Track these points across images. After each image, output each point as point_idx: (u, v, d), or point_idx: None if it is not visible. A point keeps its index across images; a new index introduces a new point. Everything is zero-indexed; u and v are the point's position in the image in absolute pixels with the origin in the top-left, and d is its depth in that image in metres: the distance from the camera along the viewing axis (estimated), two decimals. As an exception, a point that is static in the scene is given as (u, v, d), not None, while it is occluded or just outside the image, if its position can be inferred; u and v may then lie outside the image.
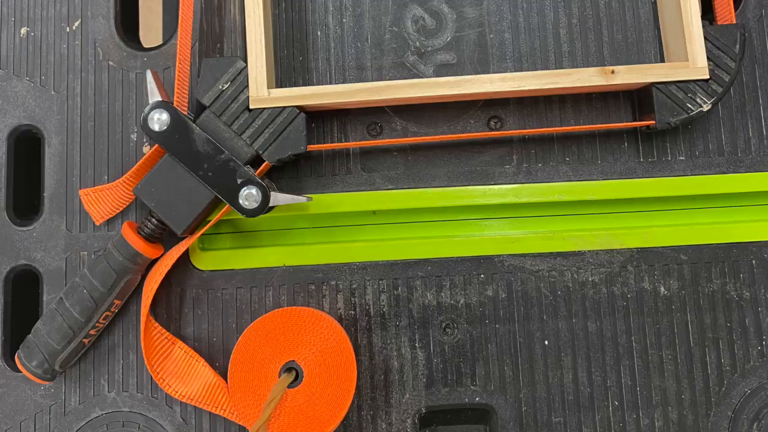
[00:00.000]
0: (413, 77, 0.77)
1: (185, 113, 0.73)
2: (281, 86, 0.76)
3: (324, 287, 0.75)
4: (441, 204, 0.75)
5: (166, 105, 0.72)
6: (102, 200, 0.75)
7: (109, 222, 0.76)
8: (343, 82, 0.77)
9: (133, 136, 0.76)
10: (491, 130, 0.76)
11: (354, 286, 0.75)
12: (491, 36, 0.77)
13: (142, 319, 0.72)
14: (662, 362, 0.74)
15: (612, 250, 0.75)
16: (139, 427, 0.74)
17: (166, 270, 0.73)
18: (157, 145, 0.73)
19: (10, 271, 0.75)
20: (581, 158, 0.76)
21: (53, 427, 0.74)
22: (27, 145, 0.78)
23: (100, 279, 0.72)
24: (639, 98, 0.76)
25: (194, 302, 0.75)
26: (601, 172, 0.76)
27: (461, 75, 0.75)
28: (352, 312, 0.75)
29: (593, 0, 0.78)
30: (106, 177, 0.76)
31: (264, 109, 0.72)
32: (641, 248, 0.75)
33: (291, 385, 0.69)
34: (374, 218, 0.76)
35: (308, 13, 0.78)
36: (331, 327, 0.70)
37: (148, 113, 0.71)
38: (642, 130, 0.76)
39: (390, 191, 0.75)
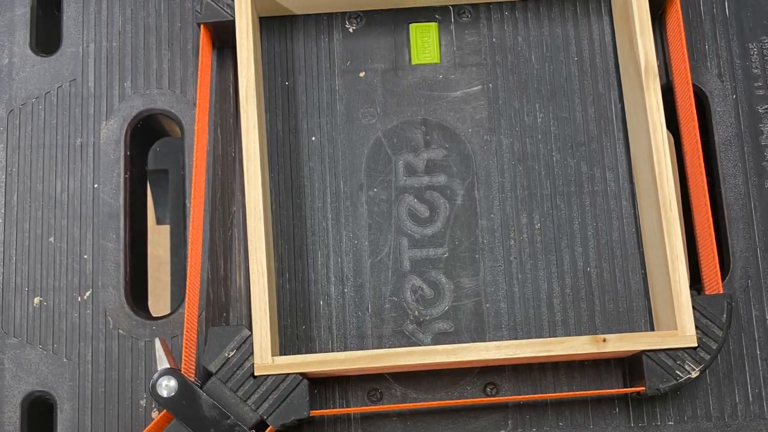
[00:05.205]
0: (412, 345, 0.79)
1: (192, 380, 0.75)
2: (285, 354, 0.79)
3: None
4: (439, 468, 0.77)
5: (174, 372, 0.74)
6: (111, 465, 0.77)
7: (118, 485, 0.77)
8: (344, 350, 0.79)
9: (143, 402, 0.79)
10: (487, 396, 0.78)
11: None
12: (487, 305, 0.80)
13: None
14: None
15: None
16: None
17: None
18: (165, 410, 0.75)
19: None
20: (574, 423, 0.78)
21: None
22: (40, 410, 0.80)
23: None
24: (630, 365, 0.78)
25: None
26: (593, 437, 0.78)
27: (458, 343, 0.78)
28: None
29: (585, 271, 0.81)
30: (115, 442, 0.78)
31: (268, 375, 0.74)
32: None
33: None
34: (374, 483, 0.78)
35: (311, 284, 0.81)
36: None
37: (157, 380, 0.74)
38: (632, 395, 0.78)
39: (390, 455, 0.77)
